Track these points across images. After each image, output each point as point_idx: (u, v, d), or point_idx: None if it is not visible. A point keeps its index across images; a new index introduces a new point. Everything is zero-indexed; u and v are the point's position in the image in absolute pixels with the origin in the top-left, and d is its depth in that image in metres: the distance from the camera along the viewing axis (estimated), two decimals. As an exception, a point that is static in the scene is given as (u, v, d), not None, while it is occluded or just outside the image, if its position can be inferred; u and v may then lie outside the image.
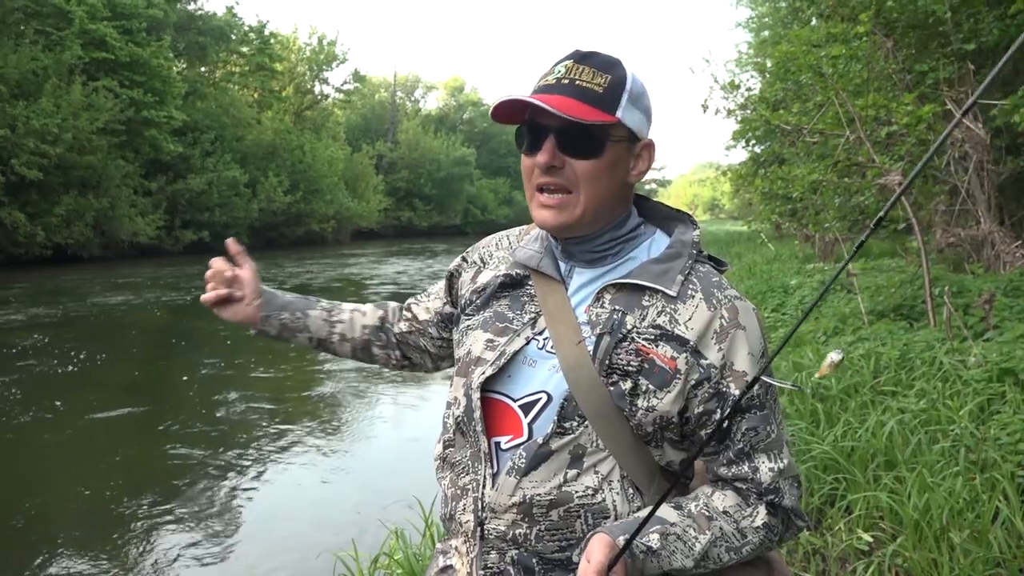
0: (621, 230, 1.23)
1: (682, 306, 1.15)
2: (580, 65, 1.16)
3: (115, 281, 20.24)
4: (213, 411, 7.81)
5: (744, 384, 1.13)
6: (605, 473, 1.15)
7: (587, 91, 1.13)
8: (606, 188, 1.17)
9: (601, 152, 1.15)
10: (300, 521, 4.88)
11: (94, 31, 26.78)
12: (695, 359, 1.13)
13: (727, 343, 1.13)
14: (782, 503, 1.17)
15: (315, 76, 46.94)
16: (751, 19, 24.11)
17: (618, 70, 1.16)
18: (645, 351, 1.13)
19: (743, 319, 1.15)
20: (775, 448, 1.17)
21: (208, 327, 12.54)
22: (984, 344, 4.89)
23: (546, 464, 1.16)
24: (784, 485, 1.17)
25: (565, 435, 1.15)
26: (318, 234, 39.06)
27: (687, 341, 1.13)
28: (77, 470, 5.92)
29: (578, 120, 1.11)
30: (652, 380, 1.12)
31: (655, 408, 1.12)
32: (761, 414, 1.16)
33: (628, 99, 1.15)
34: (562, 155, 1.15)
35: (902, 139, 7.35)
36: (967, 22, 8.08)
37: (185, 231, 31.00)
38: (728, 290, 1.18)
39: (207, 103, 34.85)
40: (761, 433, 1.16)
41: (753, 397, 1.14)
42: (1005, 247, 7.43)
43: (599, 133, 1.14)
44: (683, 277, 1.16)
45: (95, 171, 25.94)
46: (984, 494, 3.07)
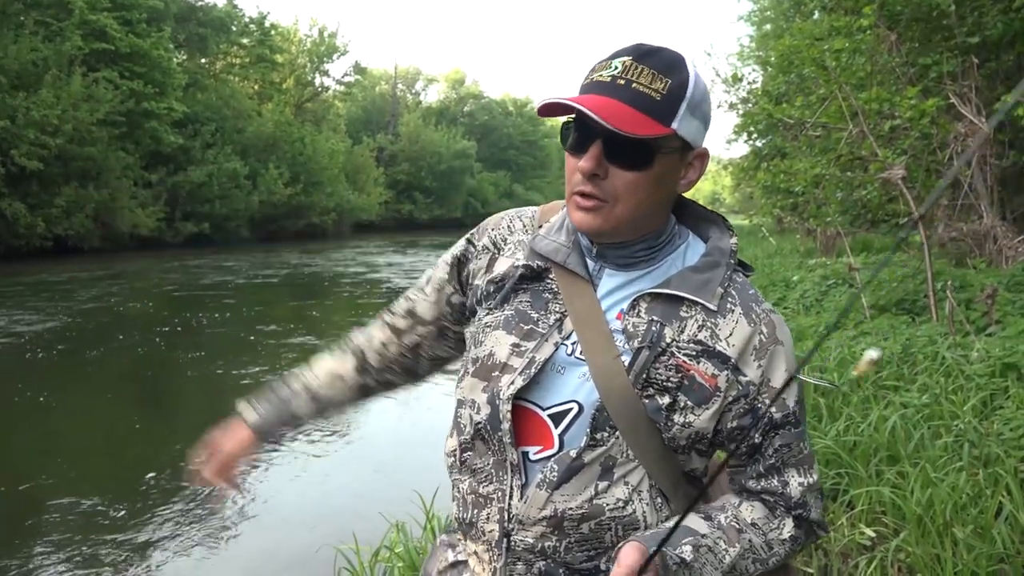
0: (660, 237, 1.17)
1: (722, 320, 1.11)
2: (639, 64, 1.05)
3: (115, 272, 20.24)
4: (212, 404, 7.81)
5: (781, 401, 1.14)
6: (635, 484, 1.13)
7: (643, 97, 1.04)
8: (649, 199, 1.10)
9: (650, 165, 1.07)
10: (300, 514, 4.88)
11: (94, 22, 26.69)
12: (735, 376, 1.11)
13: (766, 360, 1.13)
14: (809, 516, 1.19)
15: (316, 68, 46.82)
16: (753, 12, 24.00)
17: (679, 74, 1.06)
18: (686, 367, 1.09)
19: (780, 334, 1.15)
20: (806, 464, 1.18)
21: (207, 321, 12.54)
22: (987, 339, 4.88)
23: (578, 477, 1.12)
24: (811, 499, 1.19)
25: (598, 447, 1.11)
26: (318, 227, 39.02)
27: (728, 359, 1.10)
28: (74, 463, 5.91)
29: (629, 135, 1.02)
30: (691, 397, 1.10)
31: (692, 424, 1.11)
32: (796, 431, 1.16)
33: (687, 107, 1.06)
34: (607, 163, 1.07)
35: (905, 133, 7.33)
36: (971, 16, 8.05)
37: (186, 223, 30.97)
38: (764, 303, 1.17)
39: (207, 95, 34.79)
40: (794, 449, 1.16)
41: (790, 414, 1.15)
42: (1007, 242, 7.42)
43: (650, 145, 1.06)
44: (723, 289, 1.13)
45: (95, 162, 25.89)
46: (987, 489, 3.07)
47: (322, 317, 13.40)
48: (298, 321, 12.67)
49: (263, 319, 12.89)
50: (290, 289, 17.97)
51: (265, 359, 9.61)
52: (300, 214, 37.69)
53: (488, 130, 65.86)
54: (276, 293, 17.17)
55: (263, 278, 19.59)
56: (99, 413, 7.43)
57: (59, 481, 5.53)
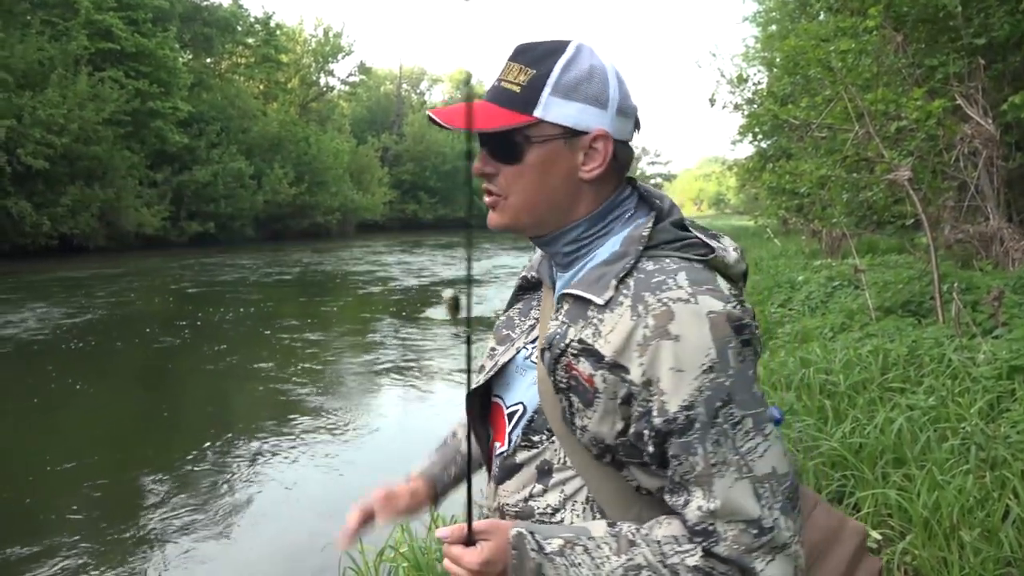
0: (584, 229, 1.12)
1: (608, 315, 1.02)
2: (512, 63, 1.08)
3: (126, 271, 20.29)
4: (216, 403, 7.83)
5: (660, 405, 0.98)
6: (570, 493, 1.09)
7: (504, 92, 1.07)
8: (539, 189, 1.09)
9: (520, 156, 1.07)
10: (305, 513, 4.88)
11: (100, 21, 26.82)
12: (616, 375, 1.00)
13: (647, 356, 0.98)
14: (713, 550, 0.97)
15: (321, 68, 46.94)
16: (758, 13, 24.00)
17: (547, 62, 1.05)
18: (570, 367, 1.04)
19: (676, 327, 0.97)
20: (707, 483, 0.97)
21: (219, 319, 12.56)
22: (993, 341, 4.86)
23: (517, 476, 1.14)
24: (721, 528, 0.97)
25: (532, 448, 1.12)
26: (323, 226, 39.11)
27: (603, 356, 1.01)
28: (80, 460, 5.92)
29: (482, 131, 1.07)
30: (580, 398, 1.03)
31: (588, 428, 1.04)
32: (681, 441, 0.97)
33: (553, 93, 1.05)
34: (494, 161, 1.10)
35: (912, 134, 7.31)
36: (977, 16, 8.03)
37: (191, 222, 31.08)
38: (671, 291, 0.99)
39: (213, 94, 34.91)
40: (685, 464, 0.98)
41: (672, 420, 0.97)
42: (1014, 243, 7.39)
43: (515, 136, 1.07)
44: (617, 281, 1.04)
45: (101, 162, 26.02)
46: (994, 492, 3.06)
47: (335, 314, 13.42)
48: (310, 318, 12.69)
49: (275, 317, 12.91)
50: (301, 287, 18.01)
51: (269, 358, 9.62)
52: (305, 214, 37.78)
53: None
54: (288, 291, 17.21)
55: (274, 277, 19.62)
56: (101, 410, 7.44)
57: (61, 477, 5.54)
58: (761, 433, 0.98)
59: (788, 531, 0.98)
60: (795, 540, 0.99)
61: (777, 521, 0.97)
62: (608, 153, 1.07)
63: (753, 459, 0.98)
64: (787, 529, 0.98)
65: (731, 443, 0.97)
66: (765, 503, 0.97)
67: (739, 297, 1.05)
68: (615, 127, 1.07)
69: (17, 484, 5.43)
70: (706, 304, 0.98)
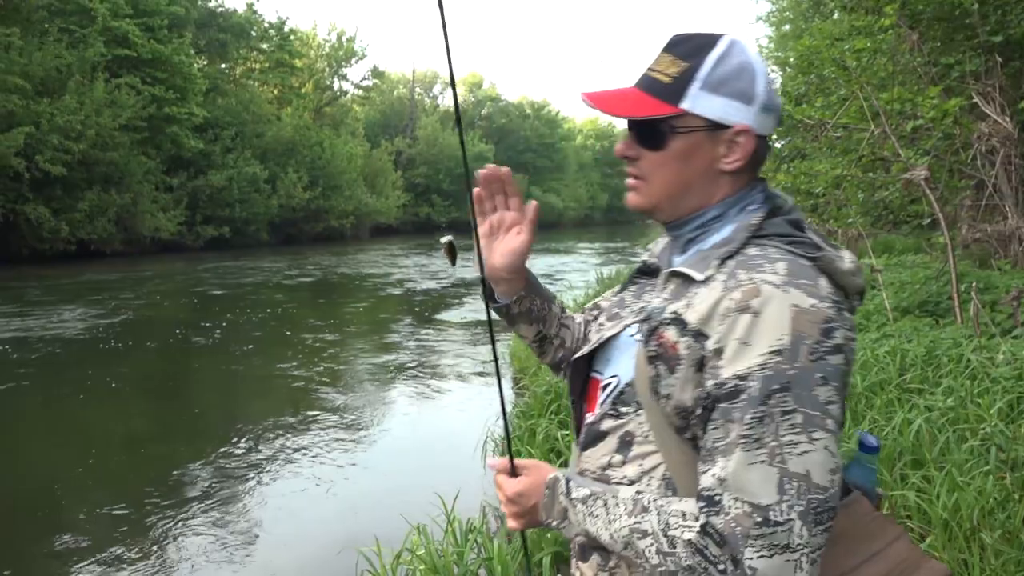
0: (713, 216, 1.16)
1: (703, 290, 1.07)
2: (665, 53, 1.14)
3: (143, 275, 20.46)
4: (232, 408, 7.88)
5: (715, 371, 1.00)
6: (647, 468, 1.12)
7: (655, 83, 1.13)
8: (678, 177, 1.14)
9: (663, 144, 1.13)
10: (322, 516, 4.90)
11: (116, 28, 27.09)
12: (698, 343, 1.03)
13: (725, 326, 1.00)
14: (711, 520, 0.97)
15: (334, 72, 47.16)
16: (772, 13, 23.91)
17: (699, 56, 1.10)
18: (660, 336, 1.08)
19: (758, 304, 0.99)
20: (730, 454, 0.97)
21: (223, 326, 12.64)
22: (1013, 341, 4.82)
23: (600, 444, 1.18)
24: (727, 502, 0.97)
25: (618, 419, 1.16)
26: (337, 230, 39.25)
27: (687, 324, 1.05)
28: (96, 464, 5.98)
29: (630, 117, 1.13)
30: (666, 365, 1.07)
31: (671, 396, 1.06)
32: (723, 407, 0.99)
33: (702, 87, 1.09)
34: (637, 146, 1.16)
35: (928, 133, 7.26)
36: (994, 14, 7.95)
37: (206, 227, 31.30)
38: (765, 274, 1.02)
39: (228, 100, 35.15)
40: (720, 430, 0.99)
41: (722, 384, 0.99)
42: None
43: (660, 125, 1.12)
44: (719, 262, 1.08)
45: (117, 167, 26.28)
46: (1015, 494, 3.03)
47: (354, 316, 13.47)
48: (330, 320, 12.74)
49: (297, 318, 12.98)
50: (321, 290, 18.09)
51: (284, 361, 9.67)
52: (319, 218, 37.94)
53: (505, 133, 65.95)
54: (308, 294, 17.29)
55: (294, 279, 19.71)
56: (118, 414, 7.51)
57: (77, 482, 5.59)
58: (808, 435, 0.96)
59: (800, 538, 0.94)
60: (807, 551, 0.94)
61: (791, 522, 0.94)
62: (749, 148, 1.12)
63: (789, 453, 0.96)
64: (799, 536, 0.94)
65: (773, 428, 0.96)
66: (785, 499, 0.94)
67: (839, 304, 1.03)
68: (758, 123, 1.12)
69: (27, 492, 5.49)
70: (795, 296, 0.99)
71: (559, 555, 3.38)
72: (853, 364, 1.05)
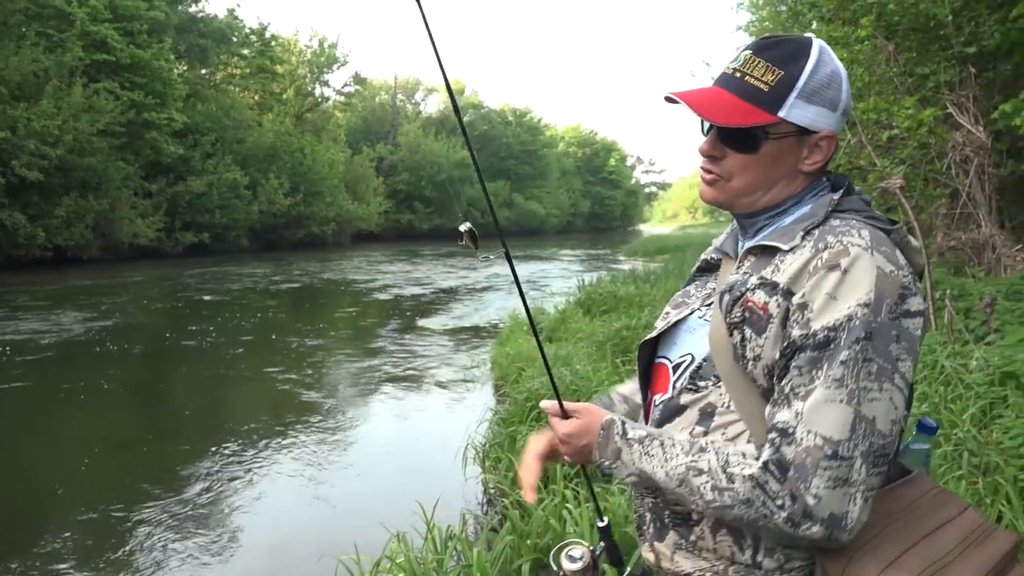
0: (787, 207, 1.22)
1: (791, 256, 1.12)
2: (757, 57, 1.17)
3: (118, 282, 20.25)
4: (211, 415, 7.81)
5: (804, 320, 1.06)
6: (731, 436, 1.16)
7: (751, 89, 1.15)
8: (763, 178, 1.19)
9: (756, 149, 1.17)
10: (302, 523, 4.87)
11: (95, 33, 26.85)
12: (787, 300, 1.09)
13: (813, 281, 1.07)
14: (781, 449, 1.03)
15: (316, 78, 47.02)
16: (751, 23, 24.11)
17: (795, 65, 1.14)
18: (746, 301, 1.13)
19: (846, 262, 1.06)
20: (811, 394, 1.03)
21: (206, 331, 12.55)
22: (986, 348, 4.88)
23: (678, 419, 1.21)
24: (800, 433, 1.02)
25: (697, 392, 1.19)
26: (318, 236, 39.08)
27: (777, 284, 1.11)
28: (76, 473, 5.91)
29: (724, 125, 1.16)
30: (753, 328, 1.11)
31: (760, 357, 1.11)
32: (812, 355, 1.04)
33: (799, 96, 1.14)
34: (722, 146, 1.20)
35: (903, 143, 7.36)
36: (968, 25, 8.09)
37: (185, 233, 31.04)
38: (852, 238, 1.08)
39: (208, 105, 34.93)
40: (805, 376, 1.04)
41: (812, 335, 1.04)
42: (1006, 250, 7.42)
43: (756, 131, 1.16)
44: (804, 232, 1.14)
45: (95, 173, 26.00)
46: (987, 498, 3.07)
47: (337, 322, 13.41)
48: (314, 326, 12.67)
49: (282, 325, 12.90)
50: (305, 297, 17.98)
51: (265, 369, 9.61)
52: (300, 224, 37.76)
53: (488, 140, 66.01)
54: (292, 300, 17.19)
55: (278, 286, 19.59)
56: (98, 422, 7.43)
57: (57, 490, 5.53)
58: (880, 384, 1.03)
59: (859, 475, 1.01)
60: (862, 488, 1.02)
61: (854, 459, 1.01)
62: (831, 151, 1.19)
63: (864, 397, 1.02)
64: (858, 472, 1.01)
65: (855, 372, 1.02)
66: (853, 437, 1.01)
67: (912, 275, 1.10)
68: (839, 127, 1.19)
69: (8, 500, 5.42)
70: (879, 259, 1.07)
71: (538, 561, 3.38)
72: (924, 335, 1.12)
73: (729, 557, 1.15)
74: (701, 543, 1.17)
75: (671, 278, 13.53)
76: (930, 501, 1.16)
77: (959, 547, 1.09)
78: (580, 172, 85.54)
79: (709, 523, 1.16)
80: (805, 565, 1.12)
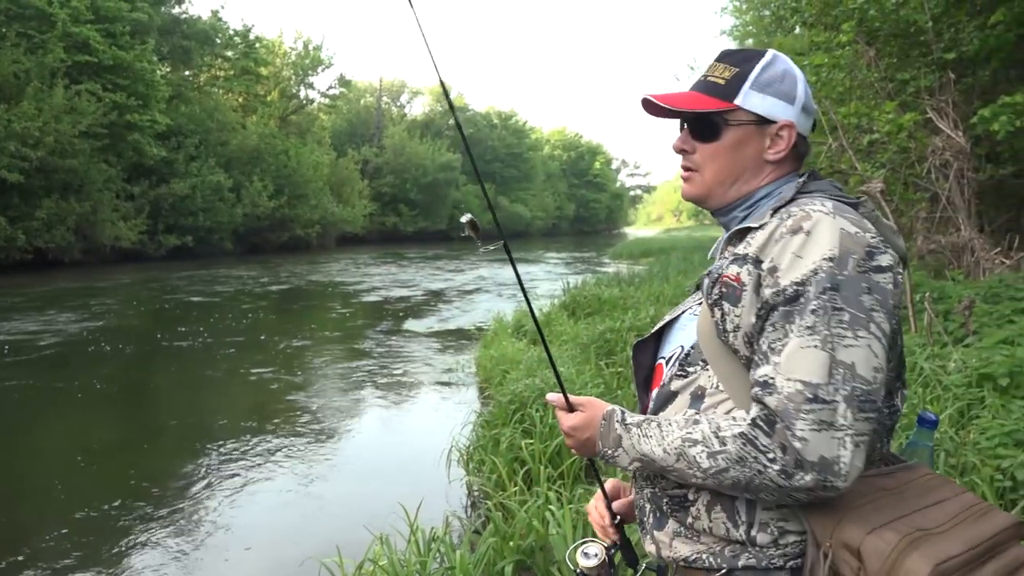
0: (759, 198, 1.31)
1: (760, 232, 1.19)
2: (718, 63, 1.32)
3: (98, 286, 20.07)
4: (193, 419, 7.76)
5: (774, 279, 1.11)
6: (723, 414, 1.19)
7: (711, 84, 1.29)
8: (730, 166, 1.30)
9: (718, 136, 1.29)
10: (284, 527, 4.85)
11: (77, 34, 26.61)
12: (756, 268, 1.15)
13: (780, 246, 1.13)
14: (764, 400, 1.06)
15: (300, 81, 46.84)
16: (735, 27, 24.27)
17: (750, 63, 1.28)
18: (723, 277, 1.20)
19: (809, 225, 1.12)
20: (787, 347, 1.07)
21: (187, 335, 12.47)
22: (964, 349, 4.94)
23: (671, 406, 1.26)
24: (780, 383, 1.05)
25: (686, 377, 1.25)
26: (303, 239, 38.90)
27: (746, 255, 1.17)
28: (58, 476, 5.86)
29: (686, 111, 1.29)
30: (729, 300, 1.17)
31: (739, 327, 1.16)
32: (784, 310, 1.09)
33: (752, 86, 1.27)
34: (692, 140, 1.32)
35: (884, 147, 7.44)
36: (948, 32, 8.19)
37: (168, 236, 30.81)
38: (814, 206, 1.14)
39: (191, 107, 34.70)
40: (779, 330, 1.08)
41: (782, 291, 1.09)
42: (984, 254, 7.51)
43: (716, 119, 1.28)
44: (772, 211, 1.22)
45: (77, 175, 25.76)
46: (964, 498, 3.10)
47: (324, 324, 13.35)
48: (301, 328, 12.62)
49: (268, 327, 12.83)
50: (291, 299, 17.89)
51: (246, 372, 9.57)
52: (284, 227, 37.57)
53: (473, 143, 65.98)
54: (278, 302, 17.09)
55: (264, 288, 19.48)
56: (78, 427, 7.36)
57: (36, 497, 5.48)
58: (855, 332, 1.06)
59: (844, 419, 1.02)
60: (851, 433, 1.02)
61: (836, 403, 1.03)
62: (791, 140, 1.28)
63: (838, 343, 1.05)
64: (843, 417, 1.02)
65: (825, 320, 1.06)
66: (832, 381, 1.04)
67: (882, 240, 1.14)
68: (799, 121, 1.29)
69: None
70: (841, 222, 1.12)
71: (521, 563, 3.39)
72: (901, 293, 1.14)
73: (724, 536, 1.17)
74: (697, 523, 1.20)
75: (655, 281, 13.59)
76: (926, 482, 1.18)
77: (952, 521, 1.09)
78: (565, 175, 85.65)
79: (704, 501, 1.19)
80: (799, 540, 1.13)
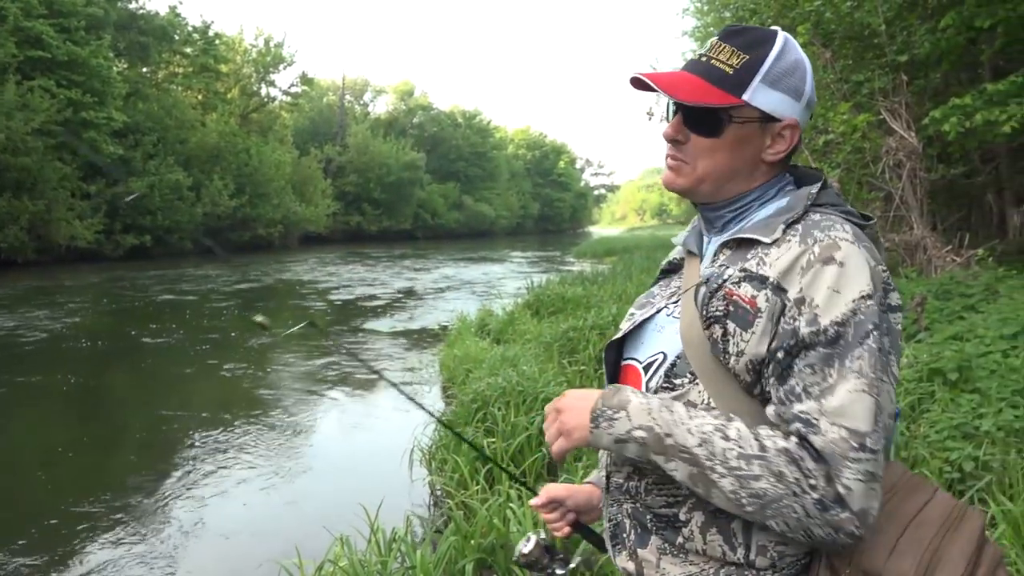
0: (752, 199, 1.22)
1: (775, 250, 1.11)
2: (723, 43, 1.17)
3: (50, 287, 19.62)
4: (151, 420, 7.63)
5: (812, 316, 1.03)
6: None
7: (716, 71, 1.15)
8: (726, 163, 1.19)
9: (720, 132, 1.17)
10: (242, 529, 4.80)
11: (29, 28, 25.96)
12: (777, 296, 1.07)
13: (809, 276, 1.05)
14: (808, 437, 1.00)
15: (261, 78, 46.21)
16: (697, 28, 24.54)
17: (762, 50, 1.15)
18: (730, 294, 1.11)
19: (841, 256, 1.05)
20: (828, 391, 1.01)
21: (148, 336, 12.26)
22: (915, 345, 5.06)
23: None
24: (824, 425, 1.00)
25: (673, 391, 1.16)
26: (265, 239, 38.42)
27: (767, 278, 1.09)
28: (16, 478, 5.72)
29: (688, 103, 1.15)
30: (737, 321, 1.09)
31: (744, 352, 1.08)
32: (824, 352, 1.02)
33: (763, 80, 1.15)
34: (687, 130, 1.19)
35: (839, 147, 7.59)
36: (900, 35, 8.38)
37: (126, 235, 30.21)
38: (839, 232, 1.08)
39: (149, 104, 34.04)
40: (818, 374, 1.02)
41: (822, 331, 1.02)
42: (936, 252, 7.71)
43: (719, 114, 1.16)
44: (785, 225, 1.13)
45: (30, 173, 25.15)
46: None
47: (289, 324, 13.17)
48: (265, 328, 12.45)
49: (229, 327, 12.65)
50: (257, 297, 17.65)
51: (206, 373, 9.43)
52: (246, 226, 37.08)
53: (437, 141, 65.82)
54: (243, 301, 16.84)
55: (232, 287, 19.20)
56: (35, 429, 7.20)
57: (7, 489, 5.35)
58: (888, 374, 1.04)
59: (880, 470, 1.00)
60: (880, 484, 1.00)
61: (879, 453, 0.99)
62: (793, 141, 1.19)
63: (881, 387, 1.02)
64: (880, 468, 1.00)
65: (871, 363, 1.02)
66: (877, 429, 1.00)
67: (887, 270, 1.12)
68: (802, 118, 1.19)
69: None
70: (866, 254, 1.08)
71: (482, 561, 3.40)
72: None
73: (720, 558, 1.11)
74: (689, 545, 1.14)
75: (618, 279, 13.68)
76: (906, 484, 1.16)
77: (942, 529, 1.09)
78: (530, 174, 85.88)
79: (698, 523, 1.13)
80: (795, 562, 1.10)
